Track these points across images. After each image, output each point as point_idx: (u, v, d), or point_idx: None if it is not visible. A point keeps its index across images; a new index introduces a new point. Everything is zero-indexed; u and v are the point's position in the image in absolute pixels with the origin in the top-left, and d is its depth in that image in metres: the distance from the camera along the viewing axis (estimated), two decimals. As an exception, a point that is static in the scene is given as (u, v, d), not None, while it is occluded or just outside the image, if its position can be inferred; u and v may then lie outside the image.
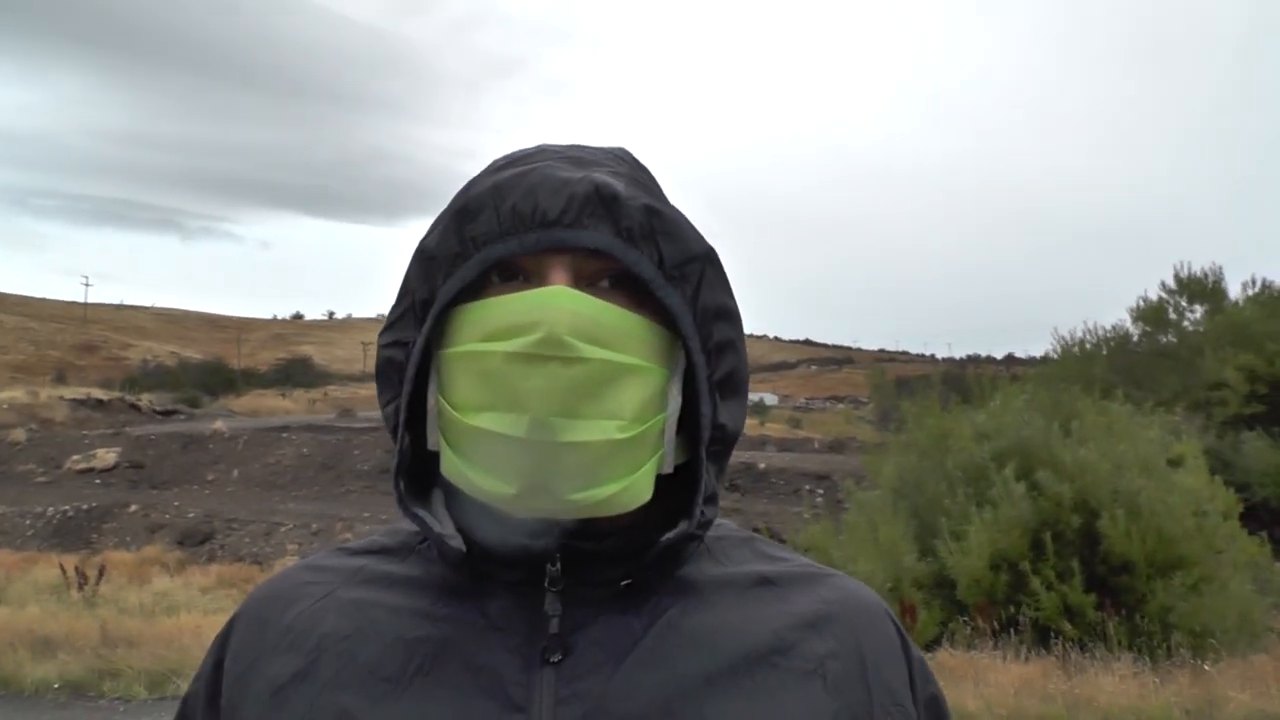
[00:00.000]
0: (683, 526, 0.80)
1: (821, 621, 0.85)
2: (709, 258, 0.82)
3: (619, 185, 0.79)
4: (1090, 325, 19.88)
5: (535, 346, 0.73)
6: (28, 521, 19.18)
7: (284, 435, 29.59)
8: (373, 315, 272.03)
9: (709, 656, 0.80)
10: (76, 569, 11.18)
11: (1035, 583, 8.36)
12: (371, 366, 0.88)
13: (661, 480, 0.82)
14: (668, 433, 0.81)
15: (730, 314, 0.84)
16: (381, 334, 0.85)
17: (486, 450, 0.76)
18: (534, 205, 0.77)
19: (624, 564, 0.81)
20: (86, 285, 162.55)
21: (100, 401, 45.04)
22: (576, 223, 0.77)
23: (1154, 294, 19.61)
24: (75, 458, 27.39)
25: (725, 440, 0.83)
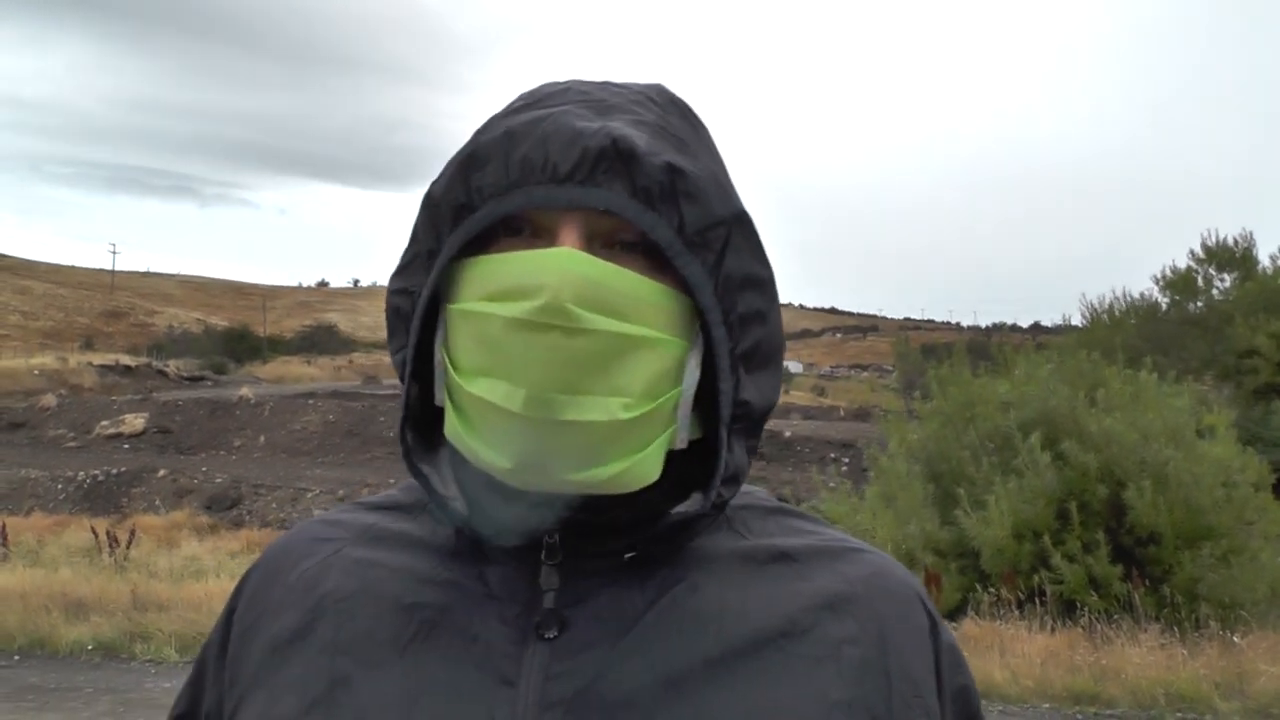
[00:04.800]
0: (694, 503, 0.76)
1: (842, 602, 0.79)
2: (737, 221, 0.75)
3: (639, 139, 0.72)
4: (1119, 293, 19.70)
5: (535, 314, 0.68)
6: (59, 485, 19.45)
7: (309, 402, 29.82)
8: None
9: (713, 637, 0.75)
10: (108, 532, 11.33)
11: (1057, 557, 8.31)
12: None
13: (675, 452, 0.77)
14: (682, 409, 0.75)
15: (759, 282, 0.77)
16: (391, 279, 0.81)
17: (483, 419, 0.72)
18: (544, 157, 0.71)
19: (630, 536, 0.77)
20: (114, 253, 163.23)
21: (128, 368, 45.60)
22: (589, 179, 0.71)
23: (1182, 262, 19.40)
24: (104, 423, 27.73)
25: (751, 416, 0.78)
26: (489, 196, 0.73)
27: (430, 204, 0.77)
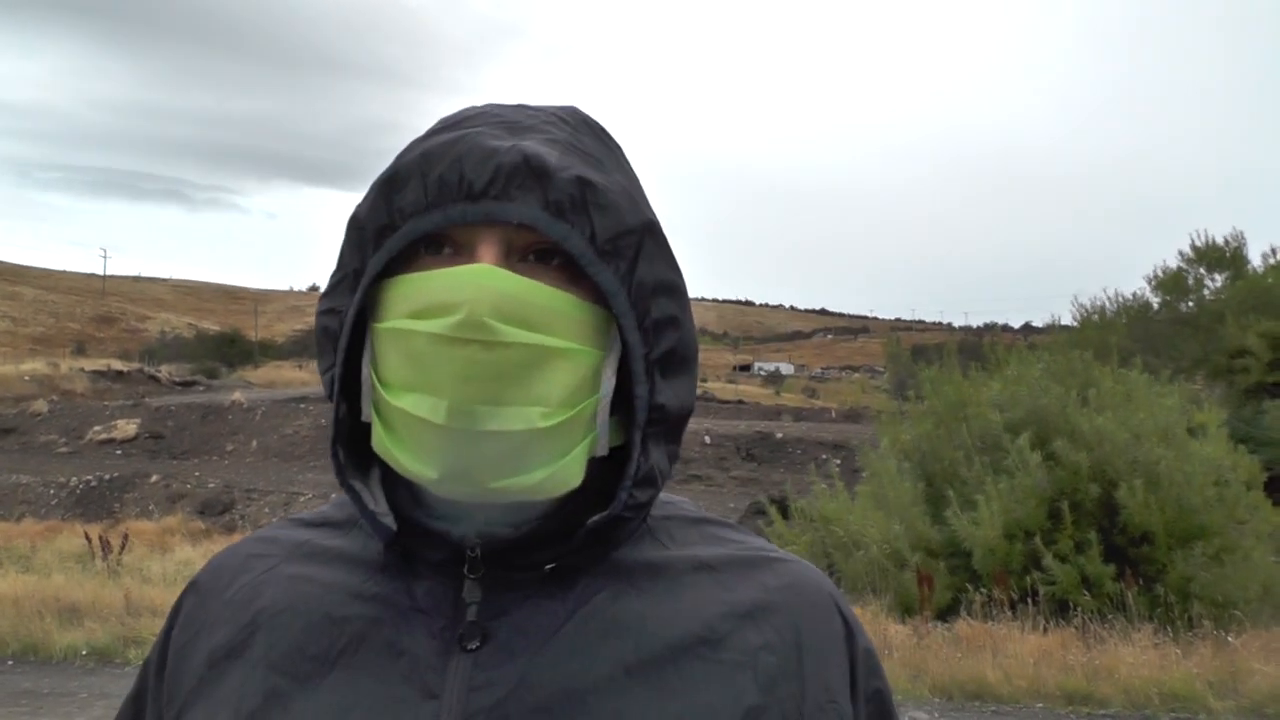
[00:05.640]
0: (609, 509, 0.78)
1: (759, 611, 0.82)
2: (647, 230, 0.78)
3: (550, 155, 0.76)
4: (1111, 293, 19.75)
5: (455, 329, 0.71)
6: (51, 491, 19.37)
7: (301, 406, 29.73)
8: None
9: (632, 646, 0.77)
10: (100, 538, 11.29)
11: (1049, 557, 8.33)
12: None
13: (601, 461, 0.80)
14: (600, 415, 0.78)
15: (672, 288, 0.80)
16: (319, 301, 0.84)
17: (409, 432, 0.75)
18: (460, 175, 0.74)
19: (551, 547, 0.79)
20: (105, 258, 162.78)
21: (120, 373, 45.39)
22: (504, 195, 0.74)
23: (1173, 263, 19.45)
24: (96, 428, 27.64)
25: (667, 420, 0.80)
26: (409, 216, 0.76)
27: (355, 226, 0.79)
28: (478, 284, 0.72)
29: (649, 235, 0.78)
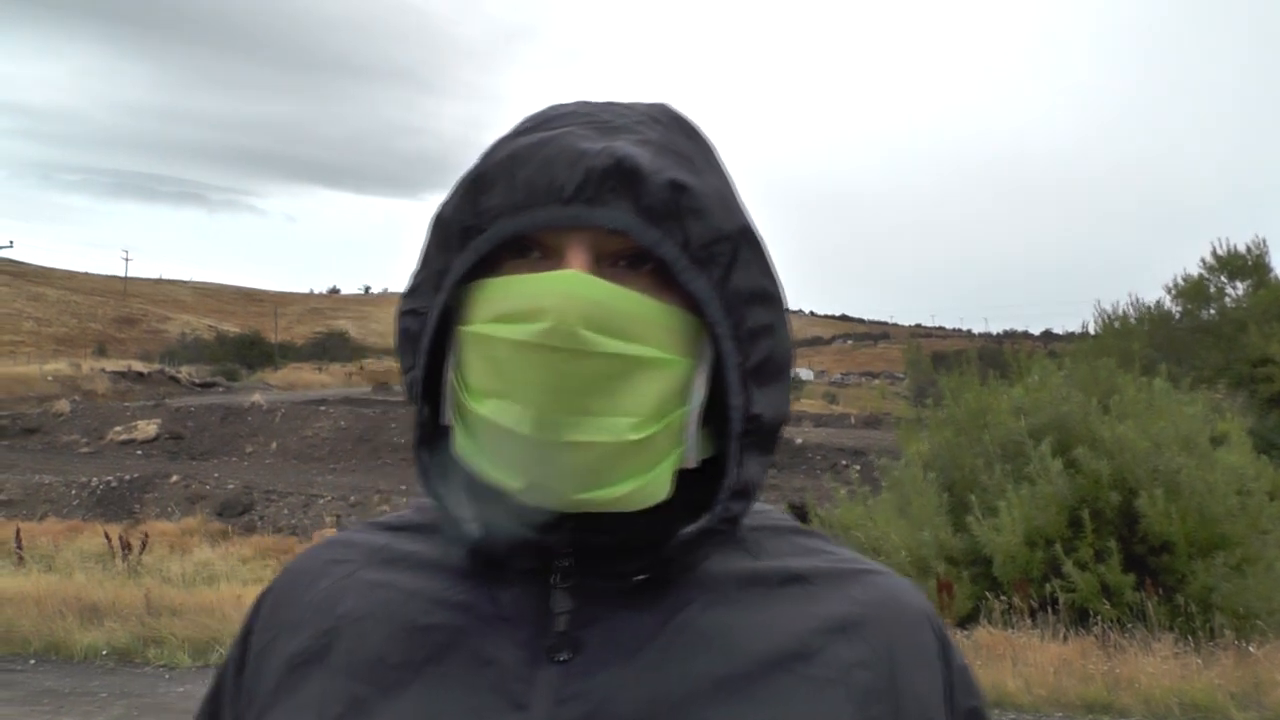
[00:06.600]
0: (703, 521, 0.76)
1: (852, 625, 0.79)
2: (743, 236, 0.76)
3: (643, 157, 0.73)
4: (1132, 300, 19.57)
5: (542, 337, 0.69)
6: (73, 491, 19.50)
7: (321, 408, 29.90)
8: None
9: (723, 659, 0.75)
10: (120, 538, 11.38)
11: (1069, 565, 8.27)
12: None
13: (689, 470, 0.77)
14: (689, 427, 0.76)
15: (767, 296, 0.78)
16: (401, 300, 0.82)
17: (492, 439, 0.73)
18: (549, 179, 0.72)
19: (641, 558, 0.77)
20: (127, 260, 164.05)
21: (140, 374, 45.81)
22: (595, 199, 0.71)
23: (1194, 269, 19.28)
24: (117, 429, 27.86)
25: (763, 430, 0.78)
26: (496, 218, 0.74)
27: (439, 225, 0.78)
28: (568, 291, 0.70)
29: (744, 241, 0.76)
